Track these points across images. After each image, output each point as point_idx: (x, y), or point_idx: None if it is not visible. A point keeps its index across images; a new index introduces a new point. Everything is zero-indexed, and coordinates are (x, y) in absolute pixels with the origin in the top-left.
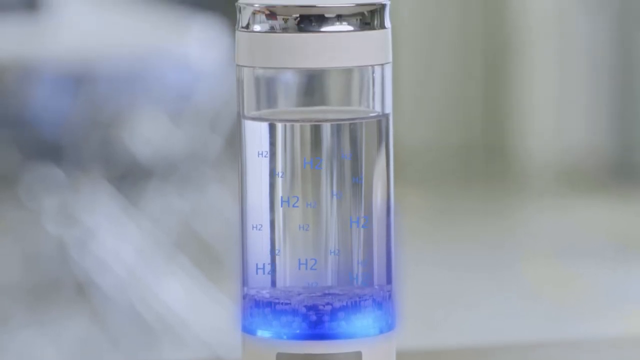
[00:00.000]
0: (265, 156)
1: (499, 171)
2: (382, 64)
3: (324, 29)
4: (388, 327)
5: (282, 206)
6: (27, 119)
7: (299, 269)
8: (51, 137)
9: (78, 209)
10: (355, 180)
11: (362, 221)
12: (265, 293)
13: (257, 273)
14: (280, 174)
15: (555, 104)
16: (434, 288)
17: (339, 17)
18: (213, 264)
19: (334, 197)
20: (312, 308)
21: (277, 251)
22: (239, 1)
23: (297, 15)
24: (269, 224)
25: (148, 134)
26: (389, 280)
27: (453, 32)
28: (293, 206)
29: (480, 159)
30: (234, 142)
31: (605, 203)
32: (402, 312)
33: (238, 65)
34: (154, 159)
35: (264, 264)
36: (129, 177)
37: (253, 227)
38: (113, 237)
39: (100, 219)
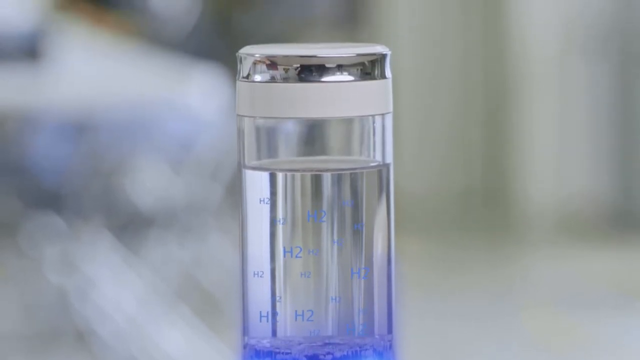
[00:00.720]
0: (266, 203)
1: (500, 219)
2: (382, 114)
3: (324, 78)
4: None
5: (284, 256)
6: (28, 167)
7: (296, 319)
8: (52, 185)
9: (79, 257)
10: (356, 227)
11: (362, 272)
12: (266, 342)
13: (260, 321)
14: (281, 222)
15: (556, 151)
16: (435, 337)
17: (340, 67)
18: (214, 313)
19: (335, 244)
20: (313, 358)
21: (278, 298)
22: (239, 51)
23: (298, 65)
24: (270, 272)
25: (149, 183)
26: (389, 329)
27: (453, 80)
28: (296, 257)
29: (480, 207)
30: (235, 191)
31: (606, 251)
32: None
33: (239, 115)
34: (155, 208)
35: (266, 312)
36: (130, 226)
37: (254, 274)
38: (114, 286)
39: (101, 267)
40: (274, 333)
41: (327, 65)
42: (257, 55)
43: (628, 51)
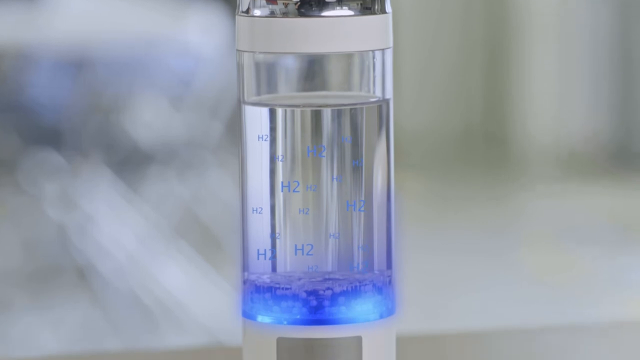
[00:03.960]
0: (265, 140)
1: (500, 156)
2: (382, 49)
3: (324, 13)
4: (388, 312)
5: (282, 191)
6: (27, 104)
7: (296, 254)
8: (51, 122)
9: (78, 194)
10: (355, 163)
11: (359, 205)
12: (266, 278)
13: (257, 258)
14: (280, 158)
15: (556, 90)
16: (434, 273)
17: (340, 2)
18: (213, 249)
19: (334, 180)
20: (313, 293)
21: (277, 234)
22: None
23: None
24: (269, 208)
25: (148, 120)
26: (389, 265)
27: (455, 18)
28: (294, 191)
29: (480, 144)
30: (234, 128)
31: (605, 188)
32: (403, 297)
33: (238, 51)
34: (155, 145)
35: (264, 249)
36: (129, 162)
37: (253, 210)
38: (113, 222)
39: (100, 204)
40: (274, 269)
41: (327, 0)
42: None
43: None
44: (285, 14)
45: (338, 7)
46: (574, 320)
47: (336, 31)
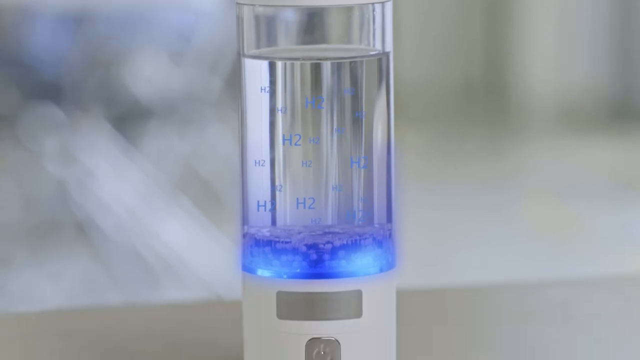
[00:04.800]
0: (266, 92)
1: (500, 110)
2: (382, 2)
3: None
4: (388, 265)
5: (283, 144)
6: (27, 59)
7: (297, 207)
8: (51, 77)
9: (78, 149)
10: (356, 115)
11: (362, 161)
12: (266, 232)
13: (259, 210)
14: (281, 111)
15: (557, 43)
16: (434, 227)
17: None
18: (213, 204)
19: (335, 133)
20: (313, 247)
21: (277, 188)
22: None
23: None
24: (269, 161)
25: (148, 74)
26: (389, 219)
27: None
28: (295, 144)
29: (480, 97)
30: (234, 83)
31: (606, 142)
32: (403, 251)
33: (238, 3)
34: (154, 99)
35: (265, 202)
36: (129, 117)
37: (255, 163)
38: (113, 177)
39: (100, 159)
40: (274, 222)
41: None
42: None
43: None
44: None
45: None
46: (573, 274)
47: None
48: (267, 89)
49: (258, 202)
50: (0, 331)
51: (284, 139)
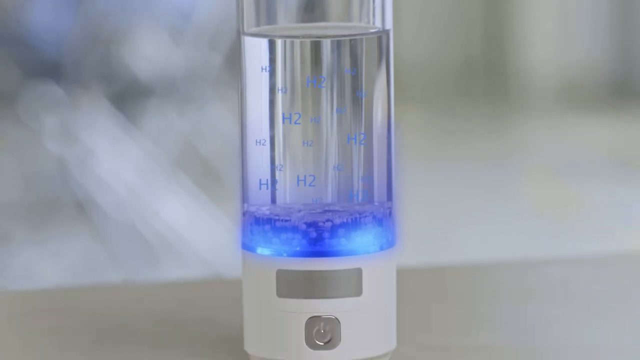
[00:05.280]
0: (266, 71)
1: (500, 88)
2: None
3: None
4: (388, 244)
5: (284, 123)
6: (27, 36)
7: (298, 185)
8: (51, 54)
9: (78, 127)
10: (357, 94)
11: (360, 136)
12: (265, 210)
13: (260, 189)
14: (281, 90)
15: (557, 21)
16: (435, 205)
17: None
18: (213, 182)
19: (336, 112)
20: (312, 225)
21: (277, 167)
22: None
23: None
24: (269, 140)
25: (148, 52)
26: (389, 197)
27: None
28: (295, 123)
29: (480, 76)
30: (234, 61)
31: (606, 120)
32: (403, 229)
33: None
34: (154, 77)
35: (266, 180)
36: (129, 95)
37: (256, 142)
38: (113, 155)
39: (100, 137)
40: (274, 200)
41: None
42: None
43: None
44: None
45: None
46: (573, 252)
47: None
48: (267, 67)
49: (259, 180)
50: (0, 309)
51: (284, 118)
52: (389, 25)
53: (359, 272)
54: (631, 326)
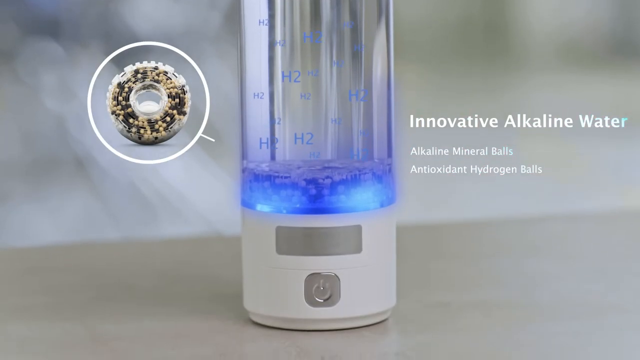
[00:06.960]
0: (265, 24)
1: (500, 47)
2: None
3: None
4: (388, 200)
5: (283, 80)
6: None
7: (296, 142)
8: (49, 12)
9: (77, 84)
10: (356, 48)
11: (362, 94)
12: (265, 166)
13: (260, 147)
14: (279, 44)
15: None
16: (434, 163)
17: None
18: (212, 140)
19: (335, 66)
20: (312, 182)
21: (276, 121)
22: None
23: None
24: (269, 95)
25: (147, 10)
26: (389, 153)
27: None
28: (295, 81)
29: (480, 35)
30: (233, 18)
31: (606, 78)
32: (402, 187)
33: None
34: (153, 35)
35: (265, 137)
36: (128, 53)
37: (254, 95)
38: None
39: (99, 95)
40: (273, 157)
41: None
42: None
43: None
44: None
45: None
46: (574, 209)
47: None
48: (266, 21)
49: (258, 137)
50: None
51: (282, 71)
52: None
53: (358, 229)
54: (629, 282)
